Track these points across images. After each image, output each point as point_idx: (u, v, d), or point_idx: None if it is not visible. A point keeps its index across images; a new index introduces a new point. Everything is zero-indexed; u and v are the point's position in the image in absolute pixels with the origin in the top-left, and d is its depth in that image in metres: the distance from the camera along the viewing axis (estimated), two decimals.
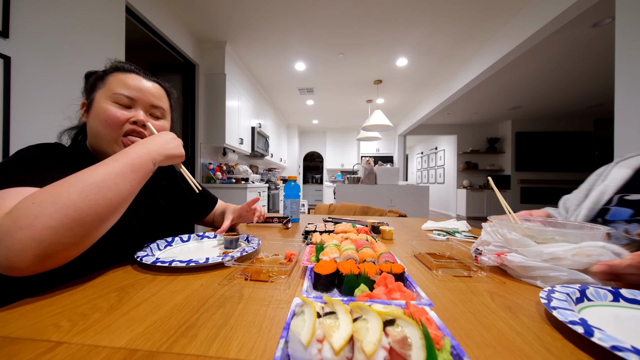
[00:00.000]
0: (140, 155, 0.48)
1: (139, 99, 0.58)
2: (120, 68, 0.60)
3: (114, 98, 0.56)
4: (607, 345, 0.24)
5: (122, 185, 0.43)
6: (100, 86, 0.57)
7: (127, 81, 0.58)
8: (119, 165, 0.44)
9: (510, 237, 0.48)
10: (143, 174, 0.47)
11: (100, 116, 0.55)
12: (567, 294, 0.35)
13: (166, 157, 0.53)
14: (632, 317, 0.33)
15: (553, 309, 0.30)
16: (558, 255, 0.42)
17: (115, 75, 0.59)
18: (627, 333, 0.30)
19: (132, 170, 0.45)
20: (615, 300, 0.35)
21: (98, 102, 0.56)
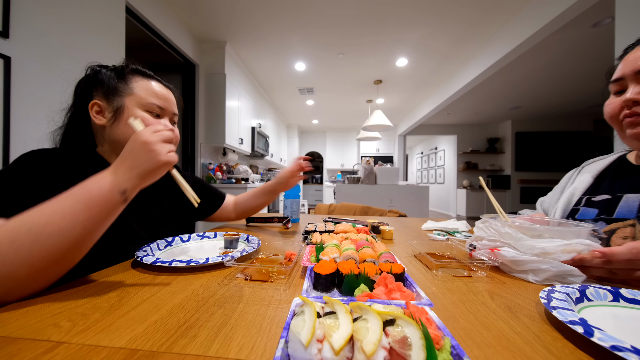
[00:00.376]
0: (100, 187, 0.39)
1: (166, 109, 0.61)
2: (141, 72, 0.60)
3: (148, 108, 0.58)
4: (607, 345, 0.24)
5: (68, 229, 0.36)
6: (127, 92, 0.56)
7: (155, 90, 0.59)
8: (70, 202, 0.37)
9: (504, 231, 0.50)
10: (103, 209, 0.39)
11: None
12: (567, 293, 0.35)
13: (141, 177, 0.42)
14: (632, 317, 0.33)
15: (553, 309, 0.30)
16: (548, 250, 0.44)
17: (139, 82, 0.58)
18: (627, 333, 0.30)
19: (86, 208, 0.37)
20: (615, 300, 0.36)
21: (131, 110, 0.56)
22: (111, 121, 0.56)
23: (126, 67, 0.60)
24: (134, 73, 0.59)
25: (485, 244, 0.53)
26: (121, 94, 0.56)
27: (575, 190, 0.69)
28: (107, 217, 0.40)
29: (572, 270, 0.42)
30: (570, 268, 0.42)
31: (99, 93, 0.57)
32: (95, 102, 0.56)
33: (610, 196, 0.60)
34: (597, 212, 0.60)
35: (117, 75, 0.58)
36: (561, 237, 0.46)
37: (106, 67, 0.60)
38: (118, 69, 0.59)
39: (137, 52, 2.86)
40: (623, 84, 0.56)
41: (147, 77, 0.61)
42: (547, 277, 0.43)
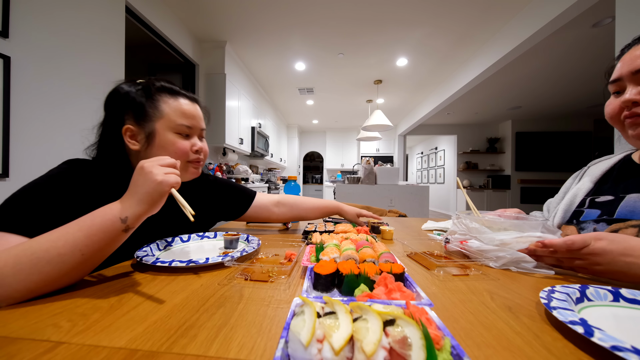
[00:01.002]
0: (104, 215, 0.41)
1: (195, 127, 0.62)
2: (167, 89, 0.60)
3: (177, 129, 0.58)
4: (607, 345, 0.24)
5: (67, 256, 0.37)
6: (157, 116, 0.57)
7: (184, 109, 0.60)
8: (74, 229, 0.39)
9: (471, 227, 0.58)
10: (103, 237, 0.40)
11: (169, 149, 0.57)
12: (567, 294, 0.35)
13: (141, 202, 0.42)
14: (632, 317, 0.33)
15: (553, 309, 0.30)
16: (506, 241, 0.52)
17: (167, 102, 0.58)
18: (628, 333, 0.30)
19: (86, 236, 0.39)
20: (615, 300, 0.36)
21: (162, 134, 0.57)
22: (145, 146, 0.57)
23: (152, 86, 0.59)
24: (160, 92, 0.59)
25: (458, 237, 0.61)
26: (152, 118, 0.57)
27: (578, 192, 0.69)
28: (107, 245, 0.41)
29: (524, 257, 0.50)
30: (522, 255, 0.50)
31: (130, 117, 0.57)
32: (127, 127, 0.56)
33: (613, 197, 0.60)
34: (599, 213, 0.60)
35: (145, 95, 0.57)
36: (520, 230, 0.54)
37: (134, 83, 0.59)
38: (145, 87, 0.58)
39: (137, 52, 2.86)
40: (621, 84, 0.56)
41: (174, 94, 0.60)
42: (504, 262, 0.51)
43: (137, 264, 0.51)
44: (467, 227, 0.60)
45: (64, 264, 0.37)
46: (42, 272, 0.36)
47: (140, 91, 0.58)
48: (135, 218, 0.42)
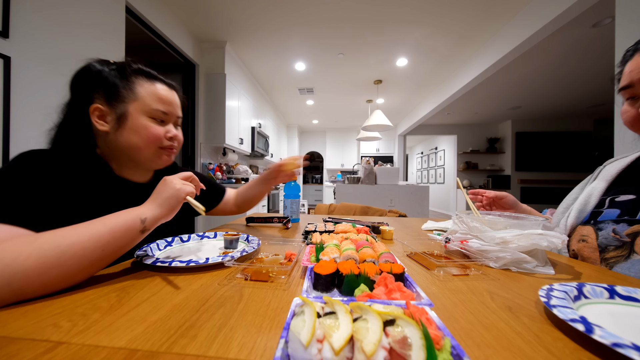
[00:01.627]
0: (127, 214, 0.44)
1: (170, 113, 0.60)
2: (144, 73, 0.58)
3: (152, 114, 0.57)
4: (608, 342, 0.24)
5: (89, 250, 0.38)
6: (131, 97, 0.54)
7: (160, 94, 0.58)
8: (99, 225, 0.41)
9: (472, 225, 0.58)
10: (124, 235, 0.42)
11: (141, 133, 0.55)
12: (566, 292, 0.35)
13: (160, 205, 0.48)
14: (627, 314, 0.34)
15: (553, 307, 0.31)
16: (507, 239, 0.52)
17: (143, 85, 0.56)
18: (625, 329, 0.30)
19: (110, 232, 0.41)
20: (611, 298, 0.37)
21: (135, 117, 0.55)
22: (114, 128, 0.54)
23: (128, 67, 0.56)
24: (137, 74, 0.56)
25: (458, 237, 0.61)
26: (124, 99, 0.54)
27: (593, 191, 0.67)
28: (125, 244, 0.43)
29: (524, 257, 0.50)
30: (523, 256, 0.50)
31: (100, 96, 0.54)
32: (96, 107, 0.53)
33: (635, 196, 0.57)
34: (619, 212, 0.58)
35: (120, 75, 0.55)
36: (521, 228, 0.53)
37: (107, 63, 0.56)
38: (120, 67, 0.56)
39: (137, 52, 2.86)
40: (633, 91, 0.55)
41: (152, 78, 0.58)
42: (505, 263, 0.51)
43: (137, 264, 0.50)
44: (467, 226, 0.60)
45: (85, 258, 0.38)
46: (64, 266, 0.36)
47: (115, 71, 0.55)
48: (153, 220, 0.46)
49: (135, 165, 0.61)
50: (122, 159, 0.58)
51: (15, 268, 0.33)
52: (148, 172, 0.67)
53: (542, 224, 0.55)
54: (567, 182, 5.86)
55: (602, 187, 0.66)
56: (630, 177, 0.64)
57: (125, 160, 0.59)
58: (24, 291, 0.34)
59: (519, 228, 0.54)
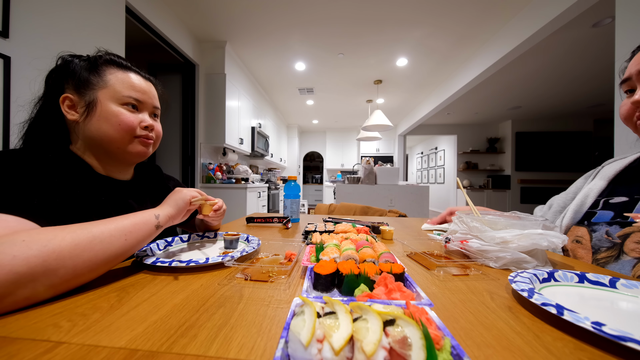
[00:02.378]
0: (144, 211, 0.49)
1: (145, 102, 0.58)
2: (116, 63, 0.57)
3: (124, 101, 0.55)
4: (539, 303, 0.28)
5: (115, 238, 0.41)
6: (100, 85, 0.53)
7: (132, 82, 0.56)
8: (121, 217, 0.45)
9: (472, 225, 0.58)
10: (142, 228, 0.46)
11: (112, 120, 0.53)
12: (535, 274, 0.42)
13: (171, 206, 0.54)
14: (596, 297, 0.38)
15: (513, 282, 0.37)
16: (507, 239, 0.52)
17: (114, 73, 0.55)
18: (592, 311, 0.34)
19: (132, 224, 0.45)
20: (580, 282, 0.42)
21: (105, 104, 0.53)
22: (84, 116, 0.53)
23: (99, 58, 0.56)
24: (108, 64, 0.56)
25: (458, 236, 0.61)
26: (94, 87, 0.53)
27: (589, 192, 0.67)
28: (144, 236, 0.46)
29: (524, 257, 0.50)
30: (523, 256, 0.50)
31: (70, 86, 0.53)
32: (66, 96, 0.53)
33: (627, 198, 0.58)
34: (612, 214, 0.58)
35: (90, 66, 0.54)
36: (521, 228, 0.53)
37: (79, 56, 0.56)
38: (91, 59, 0.55)
39: (137, 52, 2.86)
40: (631, 84, 0.56)
41: (124, 68, 0.57)
42: (505, 263, 0.51)
43: (137, 264, 0.50)
44: (467, 226, 0.60)
45: (112, 245, 0.40)
46: (93, 251, 0.38)
47: (85, 62, 0.55)
48: (165, 218, 0.51)
49: (109, 158, 0.58)
50: (96, 151, 0.56)
51: (51, 248, 0.34)
52: (127, 168, 0.64)
53: (542, 223, 0.55)
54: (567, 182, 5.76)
55: (599, 188, 0.66)
56: (626, 178, 0.64)
57: (100, 153, 0.56)
58: (57, 273, 0.34)
59: (519, 228, 0.54)
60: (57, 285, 0.35)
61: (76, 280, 0.37)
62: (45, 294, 0.34)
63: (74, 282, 0.37)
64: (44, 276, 0.33)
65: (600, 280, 0.41)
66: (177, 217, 0.55)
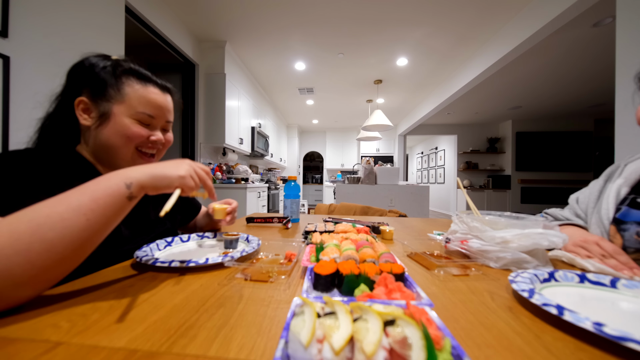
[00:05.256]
0: (109, 179, 0.39)
1: (158, 117, 0.58)
2: (136, 74, 0.56)
3: (138, 117, 0.55)
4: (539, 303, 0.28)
5: (71, 221, 0.34)
6: (117, 98, 0.53)
7: (149, 97, 0.56)
8: (77, 194, 0.36)
9: (472, 225, 0.58)
10: (109, 202, 0.37)
11: (121, 132, 0.53)
12: (535, 274, 0.42)
13: (152, 176, 0.41)
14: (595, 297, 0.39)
15: (513, 282, 0.37)
16: (507, 238, 0.51)
17: (133, 86, 0.54)
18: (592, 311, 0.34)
19: (91, 199, 0.36)
20: (581, 282, 0.42)
21: (119, 117, 0.53)
22: (96, 124, 0.53)
23: (120, 66, 0.55)
24: (128, 74, 0.55)
25: (458, 237, 0.61)
26: (110, 99, 0.53)
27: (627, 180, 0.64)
28: (112, 212, 0.38)
29: (525, 257, 0.49)
30: (523, 256, 0.49)
31: (87, 91, 0.53)
32: (81, 100, 0.53)
33: None
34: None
35: (112, 73, 0.54)
36: (522, 228, 0.52)
37: (105, 58, 0.55)
38: (114, 64, 0.55)
39: (137, 52, 2.86)
40: None
41: (144, 80, 0.56)
42: (505, 263, 0.51)
43: (137, 264, 0.50)
44: (467, 226, 0.60)
45: (68, 229, 0.34)
46: (45, 240, 0.32)
47: (108, 68, 0.54)
48: (140, 188, 0.40)
49: (111, 166, 0.58)
50: (101, 156, 0.57)
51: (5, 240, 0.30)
52: None
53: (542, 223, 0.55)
54: (568, 182, 5.86)
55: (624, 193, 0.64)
56: None
57: (103, 159, 0.57)
58: (12, 272, 0.30)
59: (520, 228, 0.54)
60: (26, 284, 0.31)
61: (48, 274, 0.33)
62: (21, 293, 0.31)
63: (48, 275, 0.33)
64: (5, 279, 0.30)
65: (601, 281, 0.41)
66: (154, 192, 0.43)
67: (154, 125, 0.58)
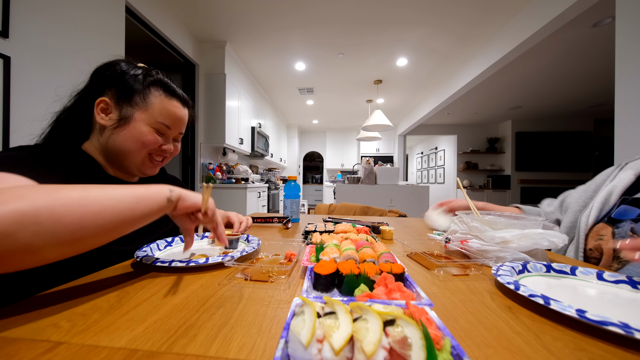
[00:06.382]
0: (151, 184, 0.43)
1: (174, 128, 0.61)
2: (164, 86, 0.58)
3: (156, 126, 0.57)
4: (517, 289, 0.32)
5: (126, 198, 0.37)
6: (141, 106, 0.55)
7: (171, 110, 0.58)
8: (126, 186, 0.40)
9: (472, 225, 0.58)
10: (155, 196, 0.41)
11: (138, 138, 0.55)
12: (512, 267, 0.46)
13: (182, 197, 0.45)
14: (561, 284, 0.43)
15: (498, 276, 0.40)
16: (507, 239, 0.52)
17: (159, 97, 0.57)
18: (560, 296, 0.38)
19: (144, 189, 0.40)
20: (547, 272, 0.47)
21: (138, 124, 0.55)
22: (114, 126, 0.55)
23: (149, 76, 0.57)
24: (156, 85, 0.57)
25: (458, 236, 0.61)
26: (134, 105, 0.55)
27: (614, 189, 0.65)
28: (155, 205, 0.41)
29: (524, 257, 0.50)
30: (523, 256, 0.50)
31: (111, 93, 0.55)
32: (103, 100, 0.54)
33: None
34: (639, 212, 0.56)
35: (139, 82, 0.56)
36: (521, 228, 0.53)
37: (135, 66, 0.58)
38: (144, 73, 0.57)
39: (137, 52, 2.86)
40: None
41: (170, 94, 0.59)
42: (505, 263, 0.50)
43: (137, 264, 0.50)
44: (467, 226, 0.59)
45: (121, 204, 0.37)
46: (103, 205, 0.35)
47: (139, 76, 0.56)
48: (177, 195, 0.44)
49: (119, 167, 0.60)
50: (110, 157, 0.58)
51: (59, 195, 0.32)
52: (130, 177, 0.66)
53: (542, 223, 0.55)
54: (567, 182, 5.86)
55: (628, 180, 0.64)
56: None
57: (112, 160, 0.59)
58: (62, 221, 0.31)
59: (520, 228, 0.54)
60: (60, 237, 0.31)
61: (81, 234, 0.33)
62: (48, 246, 0.31)
63: (79, 235, 0.33)
64: (49, 221, 0.30)
65: (563, 269, 0.47)
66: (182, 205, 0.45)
67: (168, 136, 0.61)
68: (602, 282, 0.43)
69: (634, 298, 0.38)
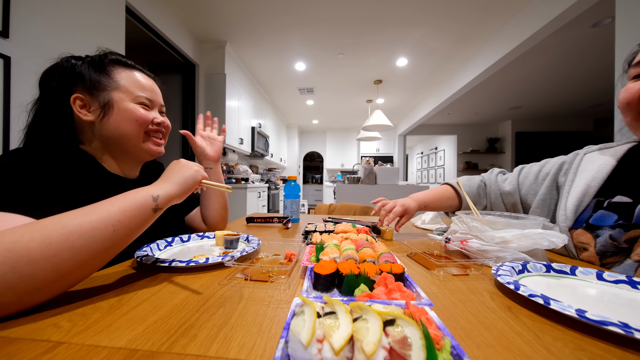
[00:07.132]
0: (136, 193, 0.41)
1: (154, 100, 0.62)
2: (121, 62, 0.59)
3: (138, 100, 0.58)
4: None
5: (100, 230, 0.35)
6: (112, 86, 0.55)
7: (141, 82, 0.59)
8: (107, 205, 0.38)
9: (472, 225, 0.58)
10: (136, 214, 0.39)
11: (129, 117, 0.56)
12: (512, 267, 0.46)
13: (174, 183, 0.46)
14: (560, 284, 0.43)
15: (498, 276, 0.41)
16: (507, 238, 0.52)
17: (122, 73, 0.57)
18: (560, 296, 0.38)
19: (120, 211, 0.38)
20: (547, 272, 0.47)
21: (122, 103, 0.56)
22: (100, 116, 0.54)
23: (104, 57, 0.57)
24: (114, 64, 0.57)
25: (458, 236, 0.61)
26: (106, 88, 0.55)
27: (592, 181, 0.63)
28: (137, 223, 0.40)
29: (524, 257, 0.50)
30: (523, 256, 0.50)
31: (80, 88, 0.54)
32: (77, 96, 0.53)
33: (631, 199, 0.55)
34: (616, 217, 0.56)
35: (97, 67, 0.55)
36: (521, 228, 0.53)
37: (80, 58, 0.56)
38: (96, 60, 0.56)
39: (137, 52, 2.86)
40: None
41: (129, 67, 0.59)
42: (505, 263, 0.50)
43: (137, 264, 0.50)
44: (467, 226, 0.59)
45: (96, 239, 0.35)
46: (73, 248, 0.33)
47: (89, 63, 0.55)
48: (165, 198, 0.44)
49: (126, 156, 0.61)
50: (113, 149, 0.59)
51: (18, 252, 0.30)
52: (137, 165, 0.67)
53: (542, 223, 0.55)
54: None
55: (609, 167, 0.62)
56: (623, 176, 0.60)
57: (117, 151, 0.59)
58: (35, 277, 0.30)
59: (519, 228, 0.54)
60: (44, 288, 0.31)
61: (66, 280, 0.33)
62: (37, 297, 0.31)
63: (64, 281, 0.33)
64: (22, 282, 0.30)
65: (563, 269, 0.46)
66: (182, 197, 0.47)
67: (152, 109, 0.62)
68: (602, 282, 0.43)
69: (634, 298, 0.38)
